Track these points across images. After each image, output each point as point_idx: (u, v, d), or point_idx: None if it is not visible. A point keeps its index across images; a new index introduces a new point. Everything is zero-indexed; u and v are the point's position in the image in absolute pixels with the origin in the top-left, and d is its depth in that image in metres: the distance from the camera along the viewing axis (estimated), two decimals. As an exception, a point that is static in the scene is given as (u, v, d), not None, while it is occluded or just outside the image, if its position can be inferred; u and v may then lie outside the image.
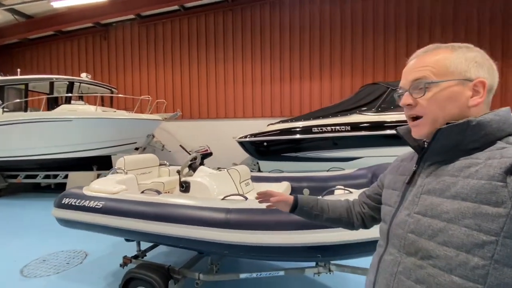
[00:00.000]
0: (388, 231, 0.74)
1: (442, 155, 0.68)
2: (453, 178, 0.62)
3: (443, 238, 0.59)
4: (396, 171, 0.85)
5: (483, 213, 0.55)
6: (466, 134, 0.63)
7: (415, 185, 0.72)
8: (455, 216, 0.58)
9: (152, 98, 7.51)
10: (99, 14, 8.50)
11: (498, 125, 0.62)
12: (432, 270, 0.60)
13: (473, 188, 0.57)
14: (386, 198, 0.82)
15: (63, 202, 2.39)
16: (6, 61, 10.65)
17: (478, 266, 0.55)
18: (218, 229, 1.75)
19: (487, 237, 0.54)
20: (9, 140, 6.35)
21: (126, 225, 2.04)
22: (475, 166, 0.60)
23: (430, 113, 0.67)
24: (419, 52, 0.73)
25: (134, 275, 2.14)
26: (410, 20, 7.23)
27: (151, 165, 3.38)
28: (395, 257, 0.69)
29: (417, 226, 0.65)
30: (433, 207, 0.63)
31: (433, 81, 0.66)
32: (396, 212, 0.74)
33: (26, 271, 3.04)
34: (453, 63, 0.66)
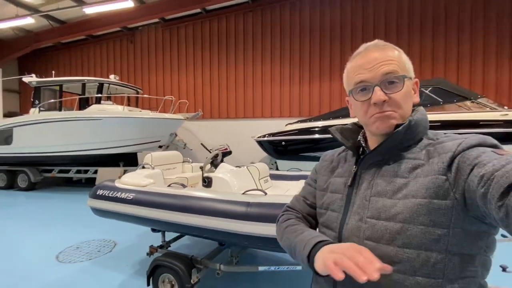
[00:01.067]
0: (339, 240, 0.68)
1: (382, 154, 0.68)
2: (404, 179, 0.62)
3: (403, 240, 0.58)
4: (329, 171, 0.81)
5: (435, 208, 0.57)
6: (406, 133, 0.65)
7: (360, 187, 0.69)
8: (410, 215, 0.58)
9: (175, 99, 7.80)
10: (126, 19, 8.95)
11: (425, 124, 0.67)
12: (397, 276, 0.58)
13: (422, 184, 0.59)
14: (328, 203, 0.76)
15: (97, 193, 2.61)
16: (42, 63, 11.47)
17: (437, 261, 0.56)
18: (239, 221, 1.86)
19: (441, 230, 0.56)
20: (45, 137, 6.85)
21: (154, 216, 2.20)
22: (421, 166, 0.62)
23: (402, 108, 0.66)
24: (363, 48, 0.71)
25: (161, 263, 2.30)
26: (436, 18, 7.02)
27: (176, 162, 3.57)
28: None
29: (373, 232, 0.62)
30: (387, 209, 0.61)
31: (407, 76, 0.66)
32: (344, 218, 0.69)
33: (62, 257, 3.31)
34: (405, 59, 0.69)
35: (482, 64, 6.73)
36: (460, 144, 0.58)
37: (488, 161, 0.52)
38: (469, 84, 6.69)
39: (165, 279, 2.34)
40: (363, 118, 0.70)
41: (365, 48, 0.70)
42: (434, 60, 6.98)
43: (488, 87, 6.68)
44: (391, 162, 0.66)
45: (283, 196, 2.02)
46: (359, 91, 0.69)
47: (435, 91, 5.01)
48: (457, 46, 6.86)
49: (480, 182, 0.50)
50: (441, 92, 5.01)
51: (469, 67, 6.81)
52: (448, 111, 4.94)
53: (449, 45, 6.91)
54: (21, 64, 11.99)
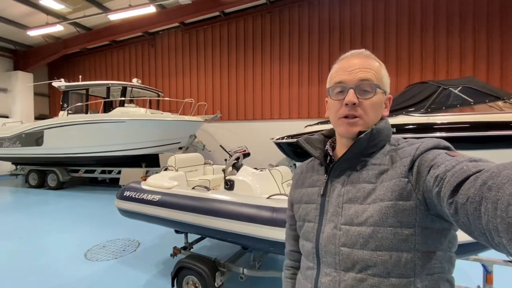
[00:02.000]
0: (316, 249, 0.70)
1: (348, 162, 0.71)
2: (372, 184, 0.65)
3: (375, 243, 0.61)
4: (302, 183, 0.83)
5: (400, 209, 0.60)
6: (370, 140, 0.69)
7: (332, 195, 0.71)
8: (379, 218, 0.61)
9: (194, 101, 7.93)
10: (147, 24, 9.22)
11: (388, 132, 0.72)
12: (373, 280, 0.61)
13: (388, 187, 0.62)
14: (304, 214, 0.77)
15: (124, 195, 2.68)
16: (69, 68, 12.06)
17: (408, 260, 0.59)
18: (265, 226, 1.84)
19: (408, 230, 0.59)
20: (72, 139, 7.18)
21: (180, 218, 2.23)
22: (386, 171, 0.65)
23: (368, 116, 0.70)
24: (350, 53, 0.74)
25: (185, 265, 2.33)
26: (449, 15, 6.69)
27: (198, 164, 3.62)
28: (333, 276, 0.65)
29: (347, 238, 0.64)
30: (359, 215, 0.64)
31: (380, 86, 0.70)
32: (320, 227, 0.70)
33: (89, 255, 3.44)
34: (384, 73, 0.73)
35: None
36: (418, 148, 0.62)
37: (442, 163, 0.55)
38: (500, 83, 6.32)
39: (189, 281, 2.37)
40: (334, 117, 0.73)
41: (351, 54, 0.74)
42: (462, 57, 6.66)
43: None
44: (358, 168, 0.69)
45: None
46: (336, 91, 0.73)
47: (465, 90, 4.76)
48: (486, 42, 6.50)
49: (435, 182, 0.54)
50: (471, 91, 4.75)
51: (499, 65, 6.43)
52: (479, 112, 4.68)
53: (478, 41, 6.56)
54: (51, 69, 12.66)
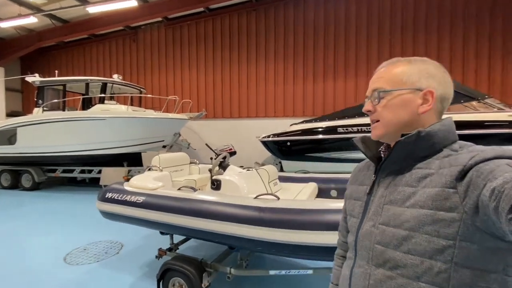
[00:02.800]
0: (355, 242, 0.75)
1: (397, 164, 0.72)
2: (412, 188, 0.66)
3: (408, 246, 0.62)
4: (355, 181, 0.87)
5: (440, 219, 0.58)
6: (417, 143, 0.68)
7: (376, 195, 0.74)
8: (415, 224, 0.61)
9: (178, 98, 7.78)
10: (129, 18, 8.92)
11: (444, 135, 0.68)
12: (402, 279, 0.63)
13: (429, 195, 0.61)
14: (350, 209, 0.83)
15: (106, 196, 2.59)
16: (45, 63, 11.45)
17: (441, 270, 0.58)
18: (252, 226, 1.84)
19: (445, 241, 0.58)
20: (48, 137, 6.85)
21: (165, 219, 2.19)
22: (430, 176, 0.64)
23: (384, 117, 0.73)
24: (382, 64, 0.78)
25: (171, 266, 2.29)
26: (441, 18, 6.96)
27: (183, 163, 3.55)
28: (365, 269, 0.70)
29: (382, 237, 0.67)
30: (396, 217, 0.65)
31: (385, 90, 0.73)
32: (361, 223, 0.75)
33: (69, 259, 3.31)
34: (407, 74, 0.72)
35: (487, 64, 6.68)
36: (473, 157, 0.59)
37: (500, 174, 0.52)
38: (474, 84, 6.64)
39: (176, 283, 2.33)
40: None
41: (380, 66, 0.78)
42: (440, 59, 6.91)
43: (494, 87, 6.62)
44: (405, 171, 0.69)
45: (295, 201, 2.00)
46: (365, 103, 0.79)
47: (441, 91, 4.96)
48: (463, 45, 6.80)
49: (492, 195, 0.51)
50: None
51: (474, 67, 6.76)
52: (454, 112, 4.89)
53: (455, 44, 6.86)
54: (24, 64, 11.97)
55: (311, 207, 1.84)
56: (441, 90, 0.70)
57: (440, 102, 0.71)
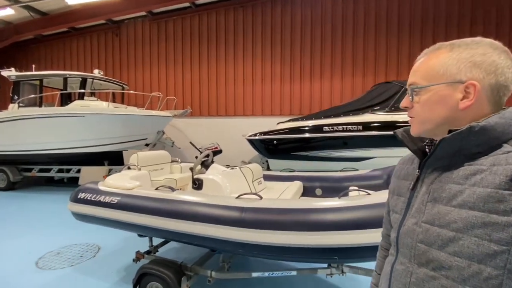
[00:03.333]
0: (397, 239, 0.73)
1: (445, 160, 0.66)
2: (459, 186, 0.61)
3: (454, 248, 0.58)
4: (399, 175, 0.84)
5: (492, 222, 0.54)
6: (469, 139, 0.61)
7: (420, 191, 0.70)
8: (464, 225, 0.57)
9: (162, 95, 7.57)
10: (111, 11, 8.59)
11: (504, 128, 0.60)
12: (446, 281, 0.59)
13: (480, 196, 0.56)
14: (393, 205, 0.81)
15: (78, 197, 2.43)
16: (22, 57, 10.90)
17: (491, 276, 0.54)
18: (233, 228, 1.75)
19: (498, 247, 0.53)
20: (24, 134, 6.50)
21: (141, 221, 2.06)
22: (480, 173, 0.58)
23: (419, 115, 0.69)
24: (424, 52, 0.72)
25: (148, 271, 2.17)
26: (425, 18, 7.07)
27: (164, 162, 3.40)
28: (407, 267, 0.68)
29: (426, 236, 0.64)
30: (441, 216, 0.62)
31: (419, 86, 0.68)
32: (403, 220, 0.72)
33: (41, 263, 3.11)
34: (444, 66, 0.65)
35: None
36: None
37: None
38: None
39: (153, 288, 2.21)
40: None
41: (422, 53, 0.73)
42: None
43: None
44: (454, 168, 0.64)
45: (279, 201, 1.91)
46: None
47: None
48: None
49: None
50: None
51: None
52: None
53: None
54: (1, 58, 11.35)
55: (294, 207, 1.76)
56: (490, 79, 0.61)
57: (492, 93, 0.62)
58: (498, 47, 0.63)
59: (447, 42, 0.67)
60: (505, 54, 0.62)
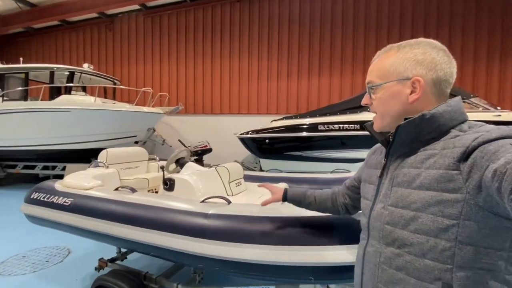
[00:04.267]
0: (368, 224, 0.79)
1: (405, 147, 0.72)
2: (417, 169, 0.67)
3: (414, 226, 0.64)
4: (370, 164, 0.89)
5: (444, 200, 0.60)
6: (422, 126, 0.68)
7: (386, 178, 0.76)
8: (422, 205, 0.63)
9: (153, 91, 7.30)
10: (103, 4, 8.34)
11: (450, 115, 0.68)
12: (408, 257, 0.66)
13: (434, 177, 0.62)
14: (364, 192, 0.87)
15: (32, 197, 2.15)
16: (11, 50, 10.63)
17: (445, 248, 0.60)
18: (191, 238, 1.46)
19: (449, 221, 0.59)
20: (7, 129, 6.25)
21: (93, 227, 1.77)
22: (433, 156, 0.65)
23: (378, 110, 0.77)
24: (377, 54, 0.78)
25: (103, 283, 1.89)
26: (428, 17, 6.79)
27: (139, 159, 3.12)
28: (376, 248, 0.74)
29: (391, 218, 0.70)
30: (403, 198, 0.67)
31: (374, 84, 0.76)
32: (373, 206, 0.78)
33: (2, 268, 2.84)
34: (394, 65, 0.72)
35: (472, 64, 6.57)
36: (477, 138, 0.59)
37: (503, 155, 0.52)
38: (459, 83, 6.49)
39: (110, 303, 1.93)
40: None
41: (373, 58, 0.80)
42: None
43: (478, 88, 6.51)
44: (412, 154, 0.71)
45: (249, 206, 1.62)
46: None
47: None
48: (449, 44, 6.64)
49: (494, 176, 0.51)
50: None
51: (459, 68, 6.60)
52: None
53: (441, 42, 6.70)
54: (-11, 51, 11.12)
55: (266, 214, 1.47)
56: (432, 74, 0.69)
57: (435, 86, 0.70)
58: (436, 46, 0.71)
59: (396, 44, 0.75)
60: (442, 52, 0.71)
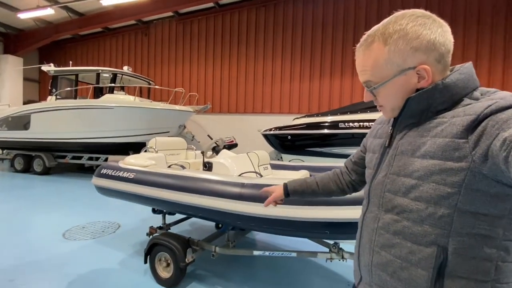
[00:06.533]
0: (369, 191, 0.80)
1: (414, 117, 0.70)
2: (423, 138, 0.66)
3: (415, 194, 0.64)
4: (375, 134, 0.88)
5: (447, 168, 0.59)
6: (435, 97, 0.65)
7: (391, 147, 0.75)
8: (424, 173, 0.62)
9: (185, 91, 7.91)
10: (141, 12, 9.14)
11: (464, 84, 0.65)
12: (406, 222, 0.66)
13: (440, 146, 0.61)
14: (368, 162, 0.86)
15: (101, 172, 2.69)
16: (60, 54, 11.87)
17: (444, 215, 0.60)
18: (232, 201, 1.88)
19: (451, 189, 0.59)
20: (60, 124, 7.11)
21: (153, 194, 2.26)
22: (442, 125, 0.63)
23: (387, 104, 0.74)
24: (357, 49, 0.74)
25: (158, 241, 2.36)
26: (442, 16, 6.79)
27: (180, 148, 3.63)
28: (375, 214, 0.74)
29: (392, 185, 0.70)
30: (406, 167, 0.67)
31: (375, 86, 0.71)
32: (375, 174, 0.78)
33: (68, 235, 3.44)
34: (389, 60, 0.67)
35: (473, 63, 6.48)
36: (490, 106, 0.56)
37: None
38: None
39: (162, 258, 2.40)
40: None
41: (356, 48, 0.75)
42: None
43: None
44: (420, 124, 0.68)
45: (278, 179, 2.02)
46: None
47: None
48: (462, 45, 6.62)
49: (503, 145, 0.50)
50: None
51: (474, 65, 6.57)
52: None
53: (455, 45, 6.69)
54: (42, 55, 12.46)
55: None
56: (433, 55, 0.65)
57: (439, 63, 0.66)
58: (425, 23, 0.65)
59: (377, 32, 0.69)
60: (431, 23, 0.66)
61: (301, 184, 1.10)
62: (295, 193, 1.10)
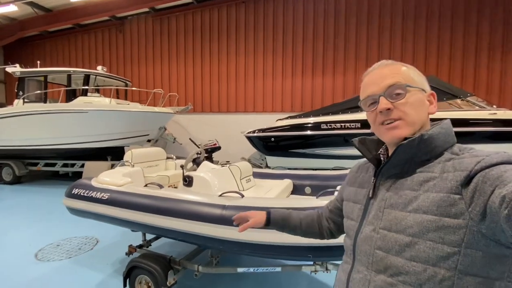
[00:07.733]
0: (353, 247, 0.73)
1: (398, 167, 0.69)
2: (414, 192, 0.63)
3: (411, 253, 0.60)
4: (354, 182, 0.85)
5: (445, 225, 0.56)
6: (420, 147, 0.65)
7: (376, 198, 0.72)
8: (419, 230, 0.59)
9: (164, 91, 7.65)
10: (114, 8, 8.67)
11: (444, 138, 0.66)
12: (403, 287, 0.60)
13: (433, 201, 0.59)
14: (348, 212, 0.81)
15: (73, 192, 2.52)
16: (27, 53, 11.11)
17: (445, 278, 0.56)
18: (214, 225, 1.80)
19: (450, 248, 0.56)
20: (29, 130, 6.67)
21: (129, 217, 2.13)
22: (433, 180, 0.61)
23: (408, 115, 0.67)
24: (377, 65, 0.75)
25: (137, 264, 2.25)
26: (429, 16, 6.93)
27: (158, 158, 3.48)
28: (365, 275, 0.68)
29: (384, 242, 0.64)
30: (398, 222, 0.63)
31: (411, 85, 0.68)
32: (360, 227, 0.73)
33: (40, 255, 3.23)
34: (413, 74, 0.71)
35: (473, 62, 6.71)
36: (479, 162, 0.57)
37: (510, 181, 0.50)
38: (460, 82, 6.68)
39: (142, 280, 2.29)
40: (374, 126, 0.74)
41: (377, 65, 0.74)
42: (427, 56, 6.94)
43: (479, 85, 6.67)
44: (406, 175, 0.67)
45: (260, 199, 1.96)
46: (369, 104, 0.73)
47: (425, 88, 4.99)
48: (450, 42, 6.81)
49: (502, 203, 0.49)
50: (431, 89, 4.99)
51: (461, 65, 6.78)
52: (438, 109, 4.91)
53: (442, 42, 6.86)
54: (7, 54, 11.62)
55: (274, 206, 1.80)
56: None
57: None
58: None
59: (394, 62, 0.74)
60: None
61: (284, 218, 1.07)
62: (276, 224, 1.07)
